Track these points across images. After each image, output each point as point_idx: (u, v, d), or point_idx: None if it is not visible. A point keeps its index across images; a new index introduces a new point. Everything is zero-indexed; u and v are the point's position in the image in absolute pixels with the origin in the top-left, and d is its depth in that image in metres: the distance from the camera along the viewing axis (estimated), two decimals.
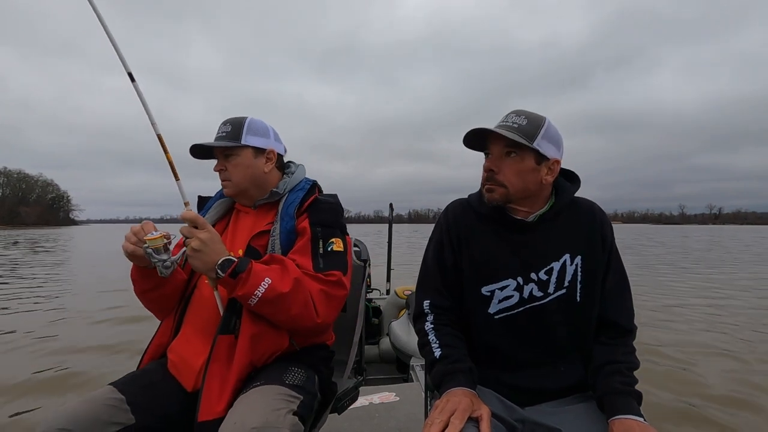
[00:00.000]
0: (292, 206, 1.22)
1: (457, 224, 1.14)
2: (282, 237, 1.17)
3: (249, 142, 1.22)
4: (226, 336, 1.07)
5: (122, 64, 1.01)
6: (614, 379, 0.96)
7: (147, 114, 1.03)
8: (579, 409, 1.00)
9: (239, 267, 1.02)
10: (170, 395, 1.07)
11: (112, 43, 0.98)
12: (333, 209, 1.26)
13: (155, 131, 1.05)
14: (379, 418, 2.25)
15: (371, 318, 3.46)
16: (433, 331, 1.08)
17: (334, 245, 1.18)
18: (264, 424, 0.86)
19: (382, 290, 4.00)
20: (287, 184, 1.27)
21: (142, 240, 1.02)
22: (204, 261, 1.02)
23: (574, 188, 1.12)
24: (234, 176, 1.22)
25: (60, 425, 0.88)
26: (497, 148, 1.05)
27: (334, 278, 1.13)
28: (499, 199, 1.06)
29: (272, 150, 1.27)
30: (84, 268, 11.47)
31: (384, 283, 4.10)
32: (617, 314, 1.06)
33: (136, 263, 1.09)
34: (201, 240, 1.01)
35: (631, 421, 0.89)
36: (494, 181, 1.05)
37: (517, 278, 1.06)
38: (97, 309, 5.70)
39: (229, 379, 1.03)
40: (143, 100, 1.03)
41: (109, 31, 0.98)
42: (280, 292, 1.03)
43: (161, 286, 1.15)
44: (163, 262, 1.02)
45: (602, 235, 1.08)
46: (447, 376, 1.00)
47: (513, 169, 1.04)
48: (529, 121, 1.03)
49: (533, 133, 1.02)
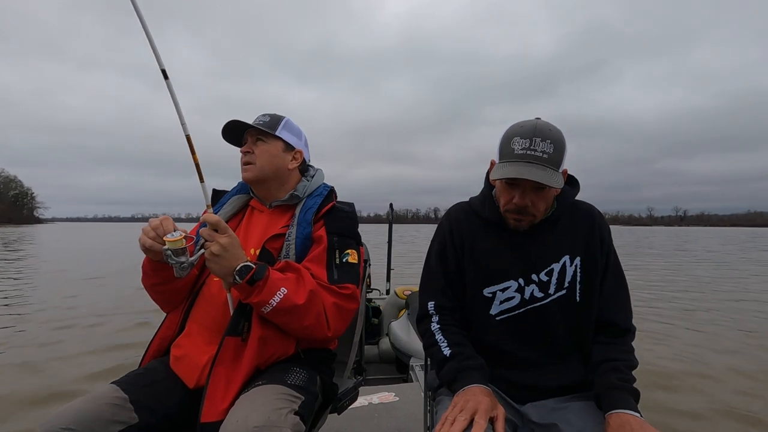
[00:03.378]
0: (310, 212, 1.22)
1: (459, 227, 1.15)
2: (297, 242, 1.17)
3: (283, 135, 1.26)
4: (234, 338, 1.07)
5: (157, 61, 0.98)
6: (611, 376, 0.97)
7: (177, 113, 1.01)
8: (578, 406, 1.01)
9: (257, 275, 1.01)
10: (172, 394, 1.08)
11: (149, 40, 0.97)
12: (350, 218, 1.26)
13: (184, 131, 1.03)
14: (378, 418, 2.26)
15: (371, 318, 3.47)
16: (440, 330, 1.09)
17: (350, 257, 1.19)
18: (266, 423, 0.87)
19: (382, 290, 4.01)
20: (307, 188, 1.28)
21: (160, 236, 1.01)
22: (222, 266, 1.01)
23: (574, 192, 1.14)
24: (259, 160, 1.23)
25: (64, 424, 0.89)
26: (529, 183, 1.01)
27: (348, 291, 1.13)
28: (526, 227, 1.08)
29: (300, 151, 1.31)
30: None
31: (384, 283, 4.11)
32: (615, 314, 1.07)
33: (151, 256, 1.08)
34: (221, 245, 1.00)
35: (627, 415, 0.89)
36: (524, 213, 1.05)
37: (518, 280, 1.07)
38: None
39: (234, 381, 1.04)
40: (174, 99, 1.00)
41: (147, 29, 0.96)
42: (294, 303, 1.03)
43: (172, 281, 1.15)
44: (181, 264, 1.00)
45: (601, 237, 1.10)
46: (461, 372, 1.00)
47: (544, 201, 1.05)
48: (555, 147, 1.00)
49: (559, 161, 1.01)
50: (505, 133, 1.06)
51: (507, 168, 1.00)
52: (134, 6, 0.95)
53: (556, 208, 1.11)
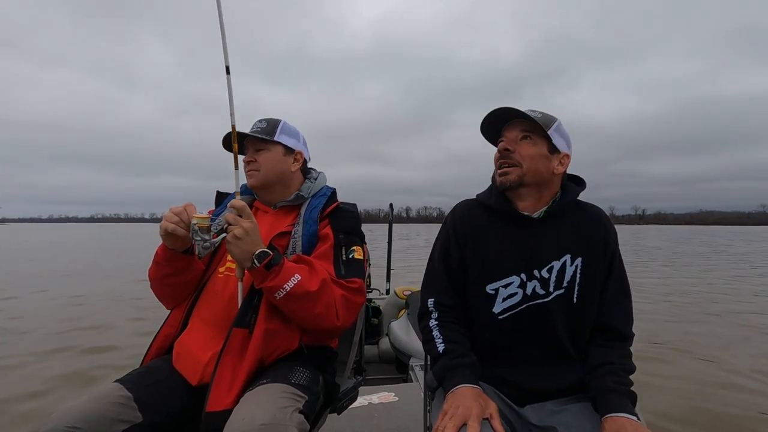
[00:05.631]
0: (315, 211, 1.26)
1: (463, 222, 1.16)
2: (304, 240, 1.21)
3: (282, 140, 1.28)
4: (241, 329, 1.09)
5: (224, 57, 1.08)
6: (608, 379, 0.98)
7: (230, 106, 1.10)
8: (576, 409, 1.01)
9: (274, 260, 1.06)
10: (175, 392, 1.09)
11: (222, 36, 1.06)
12: (354, 217, 1.30)
13: (231, 122, 1.12)
14: (378, 418, 2.26)
15: (371, 318, 3.48)
16: (438, 327, 1.10)
17: (355, 253, 1.23)
18: (272, 421, 0.88)
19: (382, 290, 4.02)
20: (311, 188, 1.32)
21: (184, 220, 1.08)
22: (243, 249, 1.05)
23: (580, 189, 1.15)
24: (263, 167, 1.26)
25: (69, 423, 0.89)
26: (513, 132, 1.10)
27: (356, 285, 1.18)
28: (514, 180, 1.09)
29: (300, 152, 1.33)
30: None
31: (384, 283, 4.12)
32: (616, 320, 1.08)
33: (168, 244, 1.12)
34: (244, 229, 1.05)
35: (623, 419, 0.90)
36: (510, 159, 1.09)
37: (520, 275, 1.08)
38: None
39: (240, 372, 1.06)
40: (230, 94, 1.09)
41: (223, 26, 1.06)
42: (307, 289, 1.07)
43: (183, 272, 1.18)
44: (204, 242, 1.07)
45: (605, 240, 1.10)
46: (450, 371, 1.02)
47: (528, 150, 1.08)
48: (543, 115, 1.09)
49: (548, 124, 1.08)
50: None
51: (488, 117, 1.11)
52: (218, 4, 1.04)
53: (559, 200, 1.11)
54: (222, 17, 1.05)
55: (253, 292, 1.12)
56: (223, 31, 1.06)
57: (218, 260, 1.25)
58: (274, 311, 1.11)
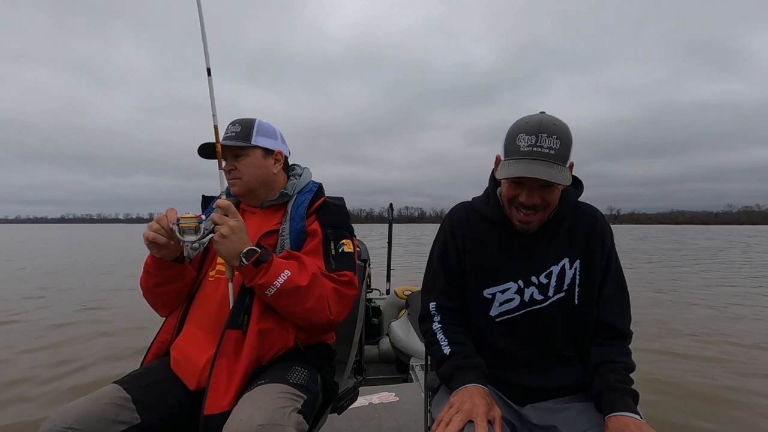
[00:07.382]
0: (302, 207, 1.24)
1: (461, 227, 1.15)
2: (292, 237, 1.20)
3: (259, 142, 1.24)
4: (234, 331, 1.08)
5: (205, 59, 1.09)
6: (611, 378, 0.98)
7: (212, 107, 1.12)
8: (577, 408, 1.01)
9: (262, 257, 1.06)
10: (174, 394, 1.08)
11: (203, 39, 1.08)
12: (342, 211, 1.29)
13: (213, 122, 1.13)
14: (378, 418, 2.26)
15: (371, 318, 3.48)
16: (441, 330, 1.10)
17: (345, 246, 1.22)
18: (270, 422, 0.88)
19: (382, 290, 4.02)
20: (296, 186, 1.29)
21: (165, 227, 1.06)
22: (230, 248, 1.05)
23: (578, 193, 1.13)
24: (245, 175, 1.23)
25: (67, 423, 0.89)
26: (536, 181, 0.99)
27: (346, 278, 1.17)
28: (537, 225, 1.06)
29: (280, 151, 1.29)
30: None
31: (384, 283, 4.12)
32: (615, 318, 1.07)
33: (154, 252, 1.11)
34: (230, 227, 1.05)
35: (627, 418, 0.89)
36: (534, 209, 1.03)
37: (518, 281, 1.07)
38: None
39: (236, 374, 1.05)
40: (212, 94, 1.11)
41: (203, 29, 1.08)
42: (298, 284, 1.06)
43: (174, 281, 1.16)
44: (191, 243, 1.06)
45: (602, 240, 1.09)
46: (459, 371, 1.01)
47: (553, 196, 1.03)
48: (561, 142, 0.97)
49: (566, 156, 0.98)
50: (509, 129, 1.03)
51: (513, 166, 0.98)
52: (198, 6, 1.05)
53: (559, 209, 1.09)
54: (203, 20, 1.05)
55: (245, 293, 1.11)
56: (203, 33, 1.06)
57: (208, 264, 1.25)
58: (266, 310, 1.11)
